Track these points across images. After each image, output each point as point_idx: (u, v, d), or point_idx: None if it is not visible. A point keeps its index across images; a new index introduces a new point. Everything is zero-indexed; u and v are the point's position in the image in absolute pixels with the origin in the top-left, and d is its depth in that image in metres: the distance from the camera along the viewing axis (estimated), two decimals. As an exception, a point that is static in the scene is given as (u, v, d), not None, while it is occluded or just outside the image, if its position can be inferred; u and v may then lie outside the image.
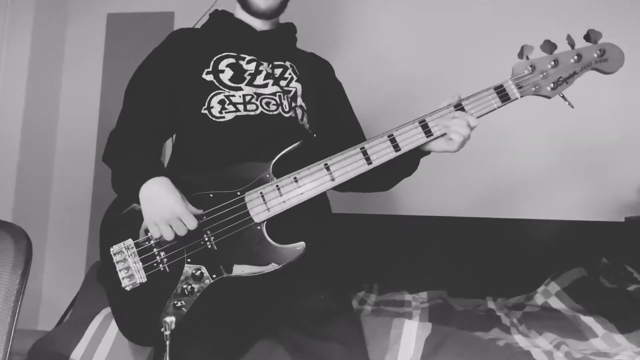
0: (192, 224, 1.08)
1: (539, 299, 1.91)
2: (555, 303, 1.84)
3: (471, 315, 1.75)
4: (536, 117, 2.39)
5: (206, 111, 1.20)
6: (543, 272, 2.04)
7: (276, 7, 1.28)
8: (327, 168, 1.14)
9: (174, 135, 1.32)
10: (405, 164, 1.27)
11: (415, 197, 2.50)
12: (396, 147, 1.15)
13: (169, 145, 1.34)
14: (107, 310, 1.51)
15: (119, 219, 1.18)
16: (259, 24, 1.30)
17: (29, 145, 2.62)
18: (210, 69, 1.23)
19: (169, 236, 1.08)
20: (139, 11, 2.81)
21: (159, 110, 1.23)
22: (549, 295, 1.90)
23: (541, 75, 1.18)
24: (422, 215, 2.45)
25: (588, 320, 1.58)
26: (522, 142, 2.44)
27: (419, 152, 1.23)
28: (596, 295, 1.80)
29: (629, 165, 2.36)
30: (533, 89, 1.18)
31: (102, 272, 1.17)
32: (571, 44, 1.17)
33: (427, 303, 1.93)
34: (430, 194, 2.48)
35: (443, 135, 1.17)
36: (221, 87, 1.22)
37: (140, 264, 1.13)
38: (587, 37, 1.17)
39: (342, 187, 1.20)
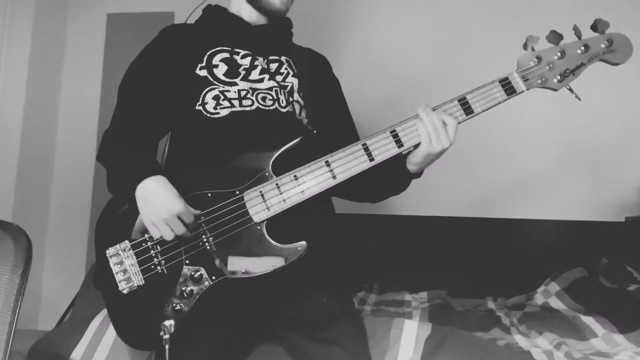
0: (192, 221, 1.06)
1: (539, 299, 1.91)
2: (555, 303, 1.84)
3: (471, 315, 1.75)
4: (536, 118, 2.39)
5: (200, 107, 1.18)
6: (543, 272, 2.04)
7: (289, 7, 1.27)
8: (328, 165, 1.12)
9: (169, 134, 1.29)
10: (396, 180, 1.25)
11: (416, 197, 2.49)
12: (398, 143, 1.13)
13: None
14: (107, 310, 1.51)
15: (114, 219, 1.15)
16: (254, 19, 1.27)
17: (29, 145, 2.62)
18: (203, 64, 1.20)
19: (168, 236, 1.06)
20: (139, 11, 2.81)
21: (152, 108, 1.21)
22: (549, 296, 1.90)
23: (547, 67, 1.14)
24: (422, 216, 2.45)
25: (588, 320, 1.58)
26: (522, 143, 2.44)
27: (409, 174, 1.21)
28: (596, 295, 1.80)
29: (629, 165, 2.36)
30: (539, 81, 1.14)
31: (98, 276, 1.15)
32: (578, 34, 1.13)
33: (427, 303, 1.93)
34: (430, 194, 2.47)
35: None
36: (215, 82, 1.19)
37: (138, 266, 1.10)
38: (594, 27, 1.13)
39: (331, 192, 1.17)
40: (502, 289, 2.13)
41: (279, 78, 1.26)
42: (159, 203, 1.05)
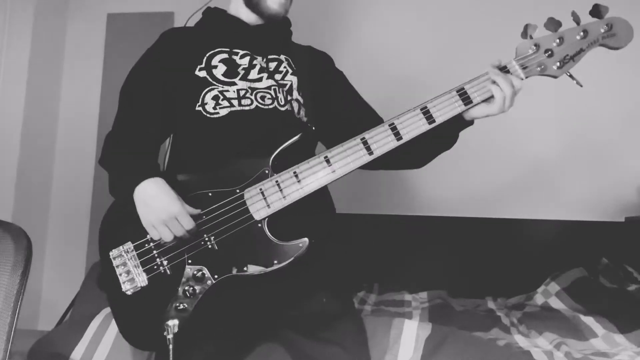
0: (189, 224, 1.07)
1: (539, 299, 1.91)
2: (555, 303, 1.84)
3: (471, 315, 1.75)
4: (536, 118, 2.39)
5: (200, 108, 1.19)
6: (543, 272, 2.04)
7: (288, 9, 1.27)
8: (327, 161, 1.12)
9: (172, 135, 1.30)
10: (442, 138, 1.22)
11: (415, 197, 2.50)
12: (397, 136, 1.12)
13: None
14: (107, 310, 1.51)
15: (117, 222, 1.16)
16: (253, 21, 1.28)
17: (29, 145, 2.62)
18: (203, 65, 1.22)
19: (167, 237, 1.07)
20: (139, 11, 2.81)
21: (154, 111, 1.22)
22: (549, 295, 1.90)
23: (546, 54, 1.12)
24: (422, 215, 2.46)
25: (588, 320, 1.58)
26: (522, 143, 2.44)
27: (458, 124, 1.18)
28: (596, 295, 1.80)
29: (629, 165, 2.36)
30: (538, 68, 1.13)
31: (102, 277, 1.16)
32: (576, 20, 1.11)
33: (427, 303, 1.93)
34: (430, 194, 2.48)
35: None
36: (215, 82, 1.20)
37: (141, 267, 1.11)
38: (593, 12, 1.11)
39: (374, 165, 1.15)
40: (502, 289, 2.13)
41: (277, 77, 1.26)
42: (156, 205, 1.06)
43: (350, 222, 2.32)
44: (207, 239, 1.11)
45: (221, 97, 1.19)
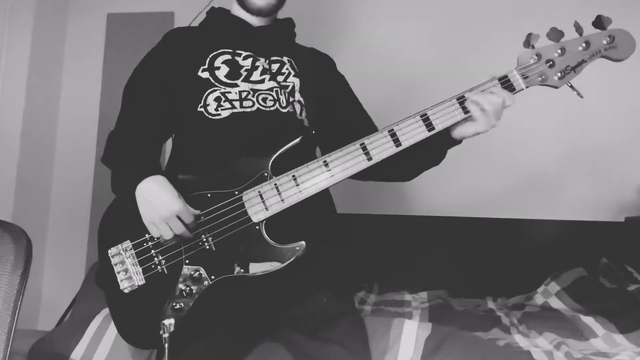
0: (191, 220, 1.08)
1: (539, 299, 1.91)
2: (555, 303, 1.84)
3: (471, 315, 1.74)
4: (536, 118, 2.39)
5: (202, 109, 1.19)
6: (543, 272, 2.04)
7: (274, 4, 1.27)
8: (326, 165, 1.12)
9: (173, 136, 1.31)
10: (431, 154, 1.22)
11: (415, 197, 2.50)
12: (397, 142, 1.12)
13: (169, 145, 1.34)
14: (107, 310, 1.50)
15: (116, 221, 1.17)
16: (255, 20, 1.29)
17: (29, 145, 2.62)
18: (206, 67, 1.22)
19: (167, 235, 1.07)
20: (139, 11, 2.81)
21: (157, 111, 1.23)
22: (549, 295, 1.90)
23: (547, 65, 1.12)
24: (422, 215, 2.45)
25: (588, 320, 1.58)
26: (522, 143, 2.44)
27: (446, 142, 1.18)
28: (596, 295, 1.80)
29: (629, 165, 2.36)
30: (539, 78, 1.13)
31: (100, 275, 1.16)
32: (579, 31, 1.11)
33: (427, 303, 1.93)
34: (430, 194, 2.47)
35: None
36: (217, 84, 1.21)
37: (139, 265, 1.12)
38: (596, 24, 1.11)
39: (362, 176, 1.16)
40: (502, 289, 2.13)
41: (280, 78, 1.27)
42: (158, 202, 1.07)
43: (350, 222, 2.32)
44: (204, 239, 1.11)
45: (223, 99, 1.20)
